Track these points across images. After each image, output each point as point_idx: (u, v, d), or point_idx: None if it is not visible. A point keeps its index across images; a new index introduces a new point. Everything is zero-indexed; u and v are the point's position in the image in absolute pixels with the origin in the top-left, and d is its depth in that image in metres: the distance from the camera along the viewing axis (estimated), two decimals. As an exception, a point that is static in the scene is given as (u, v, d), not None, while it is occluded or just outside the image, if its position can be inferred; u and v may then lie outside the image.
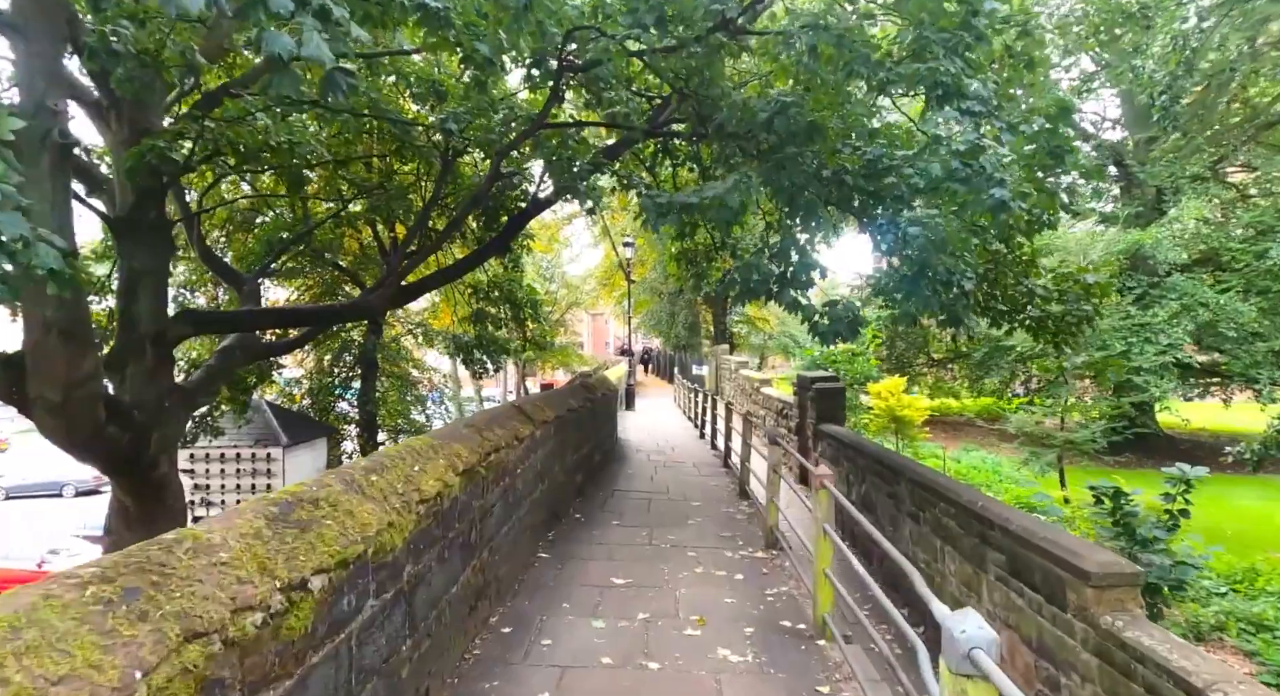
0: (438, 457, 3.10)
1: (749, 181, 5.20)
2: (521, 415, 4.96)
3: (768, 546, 5.25)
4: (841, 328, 5.52)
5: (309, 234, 12.41)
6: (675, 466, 8.92)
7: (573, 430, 6.57)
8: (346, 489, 2.31)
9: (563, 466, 6.09)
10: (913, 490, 6.33)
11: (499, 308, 13.68)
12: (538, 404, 5.55)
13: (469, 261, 9.47)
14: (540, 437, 5.22)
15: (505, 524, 4.03)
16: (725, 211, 5.22)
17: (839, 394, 10.76)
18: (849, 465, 8.71)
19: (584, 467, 7.13)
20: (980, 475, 13.75)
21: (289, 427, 14.72)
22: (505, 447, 4.13)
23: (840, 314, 5.60)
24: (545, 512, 5.38)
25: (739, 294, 5.48)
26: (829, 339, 5.59)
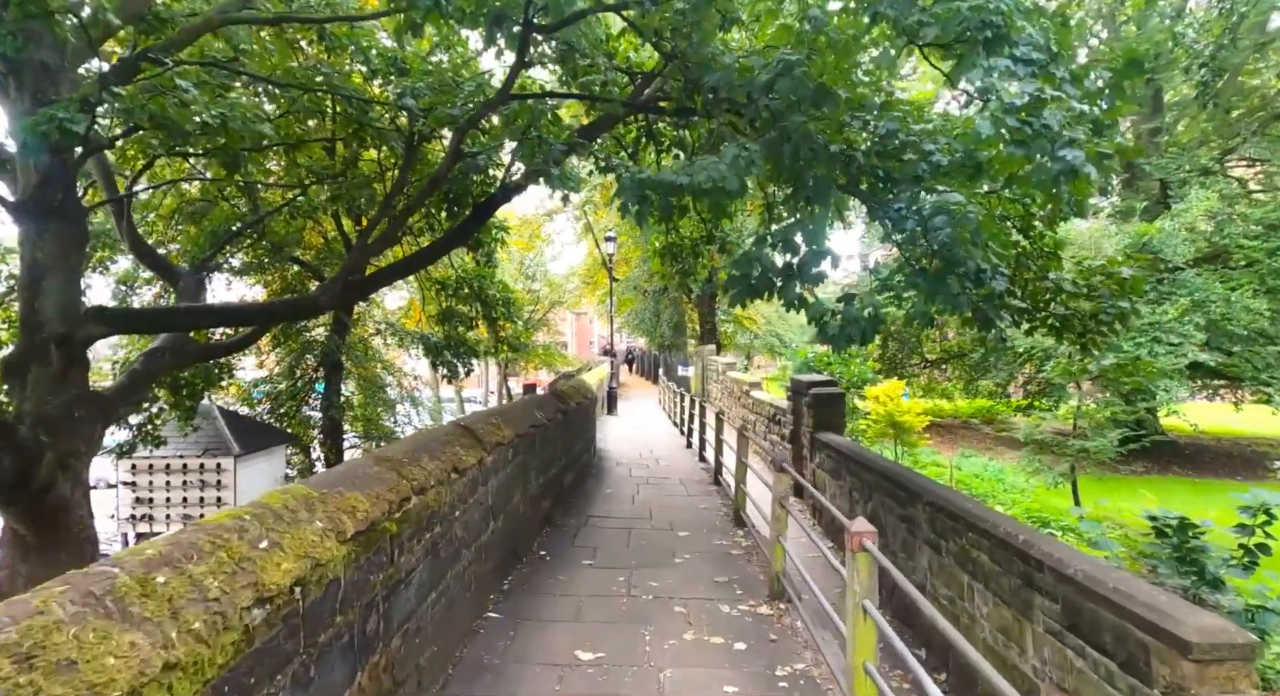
0: (311, 519, 2.11)
1: (750, 156, 4.27)
2: (468, 437, 3.98)
3: (773, 597, 4.31)
4: (857, 330, 4.61)
5: (259, 224, 11.36)
6: (660, 483, 7.97)
7: (540, 448, 5.60)
8: (91, 609, 1.32)
9: (525, 494, 5.11)
10: (933, 515, 5.44)
11: (470, 306, 12.67)
12: (493, 421, 4.56)
13: (429, 253, 8.45)
14: (493, 464, 4.24)
15: (434, 589, 3.05)
16: (720, 193, 4.28)
17: (838, 400, 9.89)
18: (852, 480, 7.86)
19: (554, 491, 6.16)
20: (983, 484, 12.95)
21: (243, 435, 13.59)
22: (438, 485, 3.15)
23: (855, 313, 4.68)
24: (500, 555, 4.40)
25: (738, 292, 4.55)
26: (841, 343, 4.66)
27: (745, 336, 31.82)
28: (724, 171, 4.11)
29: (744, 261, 4.45)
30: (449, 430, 3.92)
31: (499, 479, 4.40)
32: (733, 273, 4.53)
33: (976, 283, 5.45)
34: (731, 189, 4.11)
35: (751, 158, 4.24)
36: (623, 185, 4.54)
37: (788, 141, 4.70)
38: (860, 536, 2.51)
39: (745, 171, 4.17)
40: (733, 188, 4.11)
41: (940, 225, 5.04)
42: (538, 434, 5.54)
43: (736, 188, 4.11)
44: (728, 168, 4.13)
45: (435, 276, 13.25)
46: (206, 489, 13.00)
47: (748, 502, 6.00)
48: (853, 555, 2.51)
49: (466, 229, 8.62)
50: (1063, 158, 3.53)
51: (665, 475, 8.59)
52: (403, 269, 8.06)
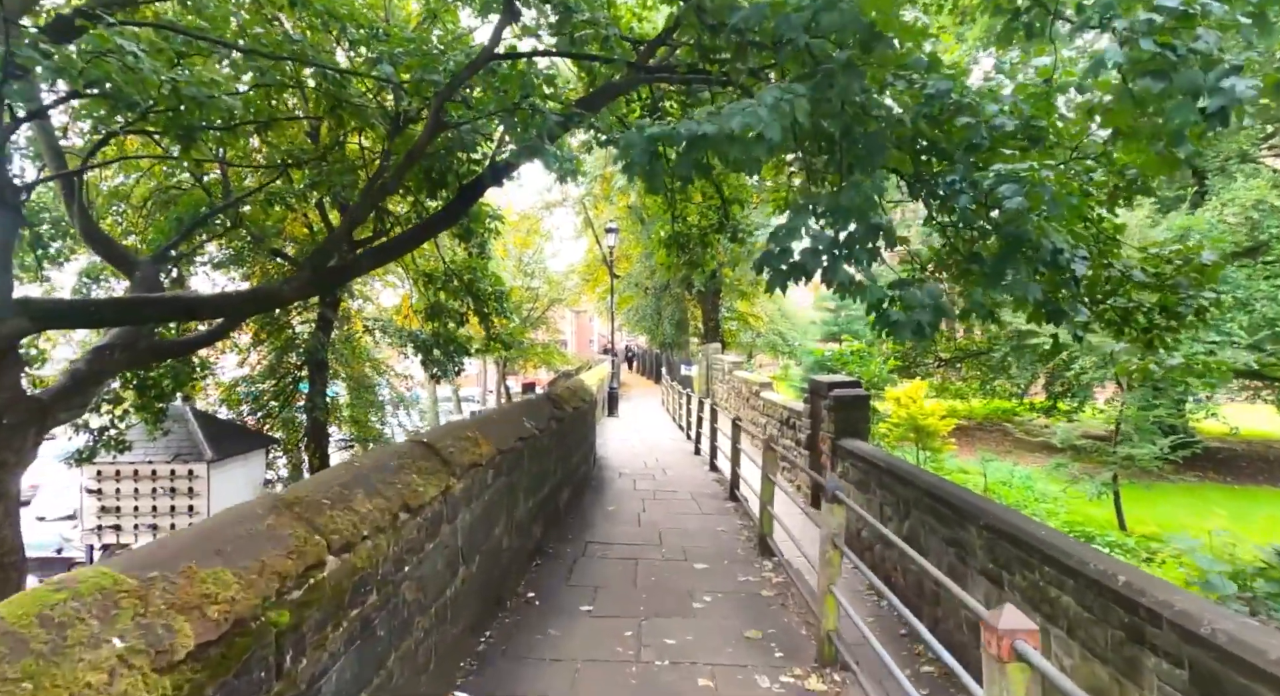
0: (104, 635, 1.19)
1: (794, 99, 3.35)
2: (430, 458, 3.07)
3: (823, 663, 3.39)
4: (921, 319, 3.70)
5: (230, 210, 10.44)
6: (668, 498, 7.05)
7: (530, 464, 4.68)
8: None
9: (511, 523, 4.19)
10: (992, 542, 4.58)
11: (460, 300, 11.76)
12: (468, 435, 3.65)
13: (409, 238, 7.54)
14: (466, 492, 3.32)
15: (366, 687, 2.13)
16: (756, 145, 3.36)
17: (863, 403, 9.00)
18: (884, 494, 6.98)
19: (547, 512, 5.24)
20: (1012, 493, 12.04)
21: (218, 439, 12.69)
22: (377, 534, 2.24)
23: (920, 299, 3.77)
24: (475, 608, 3.48)
25: (776, 275, 3.64)
26: (904, 333, 3.75)
27: (748, 334, 30.91)
28: (763, 116, 3.20)
29: (784, 234, 3.53)
30: (404, 450, 3.00)
31: (474, 510, 3.48)
32: (770, 248, 3.61)
33: (1052, 265, 4.55)
34: (771, 138, 3.20)
35: (796, 100, 3.32)
36: (628, 142, 3.63)
37: (831, 88, 3.78)
38: (1013, 637, 1.59)
39: (788, 117, 3.26)
40: (773, 136, 3.19)
41: (1009, 194, 4.14)
42: (527, 448, 4.62)
43: (777, 137, 3.20)
44: (768, 111, 3.22)
45: (424, 268, 12.36)
46: (177, 497, 12.10)
47: (774, 526, 5.09)
48: (999, 664, 1.60)
49: (451, 212, 7.71)
50: (1227, 88, 2.61)
51: (673, 488, 7.67)
52: (378, 256, 7.16)
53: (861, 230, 3.64)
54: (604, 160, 22.87)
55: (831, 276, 3.67)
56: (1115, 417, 9.97)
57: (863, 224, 3.64)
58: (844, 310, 22.25)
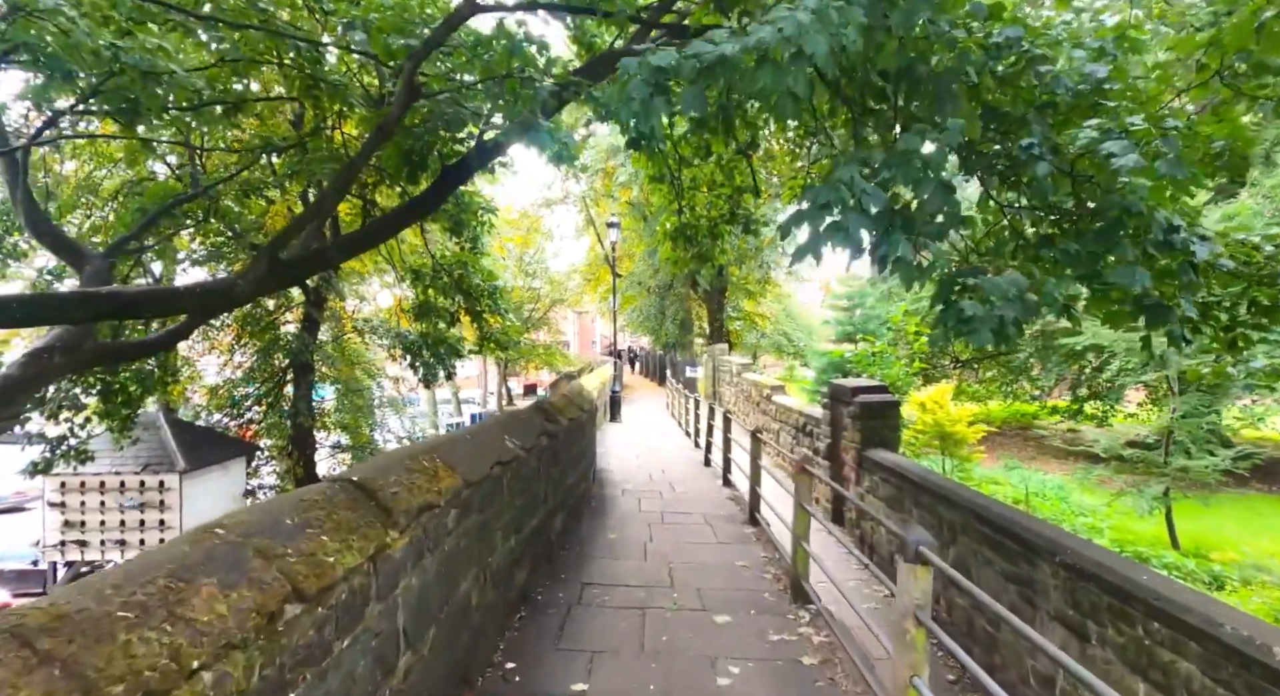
0: None
1: (845, 6, 2.46)
2: (358, 505, 2.20)
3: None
4: (1006, 314, 2.82)
5: (197, 199, 9.59)
6: (679, 522, 6.15)
7: (512, 495, 3.80)
8: None
9: (485, 573, 3.31)
10: (1073, 584, 3.77)
11: (451, 298, 10.90)
12: (421, 465, 2.77)
13: (385, 225, 6.68)
14: (411, 549, 2.44)
15: None
16: (795, 68, 2.48)
17: (892, 410, 8.12)
18: (921, 514, 6.12)
19: (535, 548, 4.36)
20: (1046, 505, 11.12)
21: (193, 448, 11.85)
22: (231, 651, 1.35)
23: (1003, 289, 2.88)
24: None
25: (812, 241, 2.75)
26: (980, 334, 2.87)
27: (753, 335, 30.00)
28: (804, 23, 2.32)
29: (827, 189, 2.63)
30: (317, 497, 2.12)
31: (429, 568, 2.60)
32: (801, 206, 2.71)
33: (1164, 247, 3.66)
34: (815, 53, 2.32)
35: (848, 7, 2.43)
36: (625, 70, 2.75)
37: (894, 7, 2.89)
38: None
39: (834, 27, 2.36)
40: (816, 51, 2.31)
41: (1120, 151, 3.25)
42: (508, 474, 3.74)
43: (822, 51, 2.31)
44: (811, 18, 2.33)
45: (414, 263, 11.50)
46: (148, 510, 11.26)
47: (810, 566, 4.20)
48: None
49: (431, 196, 6.85)
50: None
51: (684, 508, 6.77)
52: (349, 247, 6.31)
53: (930, 192, 2.74)
54: (605, 154, 22.01)
55: (886, 251, 2.78)
56: (1166, 425, 9.06)
57: (931, 184, 2.75)
58: (859, 309, 21.35)
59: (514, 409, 4.92)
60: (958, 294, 2.89)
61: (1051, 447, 17.93)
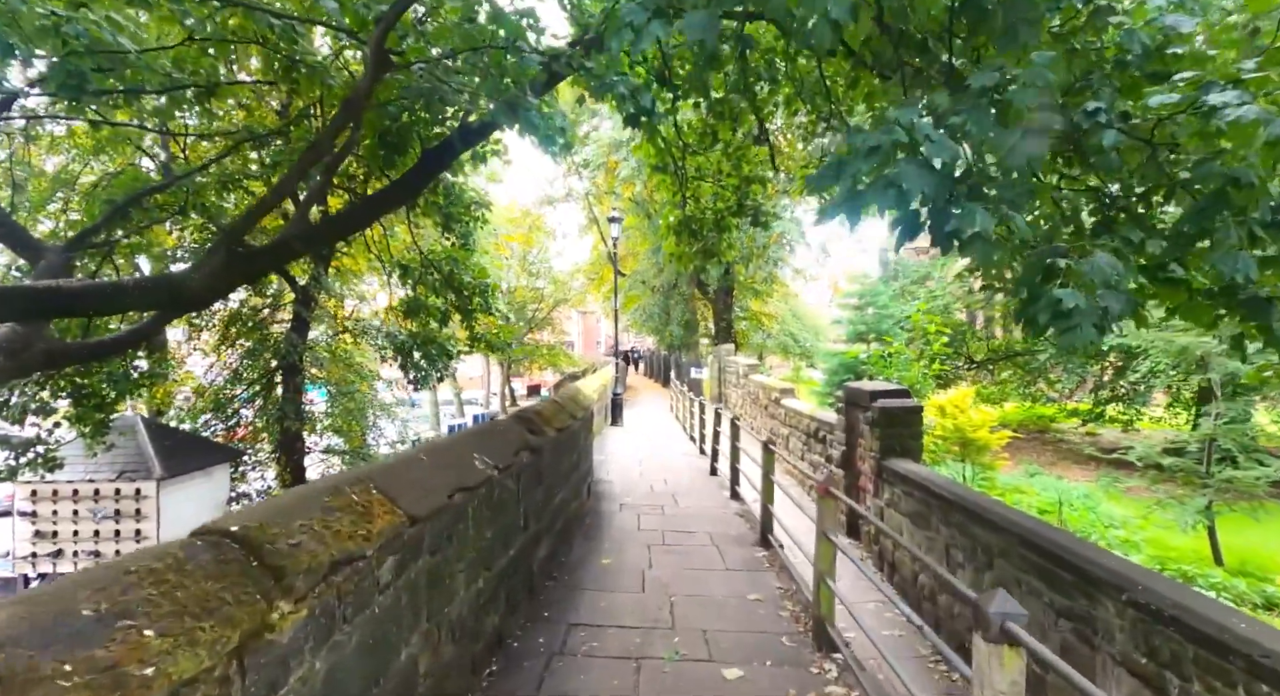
0: None
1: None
2: (226, 571, 1.54)
3: None
4: (1112, 306, 2.17)
5: (168, 191, 9.02)
6: (682, 543, 5.49)
7: (479, 526, 3.17)
8: None
9: (439, 629, 2.67)
10: (1147, 627, 3.28)
11: (442, 295, 10.28)
12: (354, 497, 2.15)
13: (355, 216, 6.07)
14: (314, 625, 1.78)
15: None
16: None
17: (914, 416, 7.46)
18: (951, 533, 5.48)
19: (511, 584, 3.72)
20: (1074, 516, 10.42)
21: (172, 454, 11.27)
22: None
23: (1105, 272, 2.23)
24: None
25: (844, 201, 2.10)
26: (1080, 331, 2.21)
27: (758, 335, 29.31)
28: None
29: (877, 133, 1.97)
30: (168, 559, 1.48)
31: (342, 644, 1.95)
32: (838, 157, 2.06)
33: (1273, 227, 3.01)
34: None
35: None
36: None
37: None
38: None
39: None
40: None
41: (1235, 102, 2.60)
42: (475, 501, 3.10)
43: None
44: None
45: (405, 259, 10.89)
46: (123, 519, 10.68)
47: (835, 604, 3.55)
48: None
49: (411, 182, 6.23)
50: None
51: (688, 526, 6.10)
52: (315, 237, 5.70)
53: (1012, 145, 2.09)
54: (607, 149, 21.40)
55: (958, 224, 2.12)
56: (1208, 432, 8.37)
57: (1013, 136, 2.10)
58: (871, 308, 20.66)
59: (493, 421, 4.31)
60: (1050, 280, 2.25)
61: (1071, 452, 17.21)
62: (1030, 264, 2.27)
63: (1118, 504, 11.76)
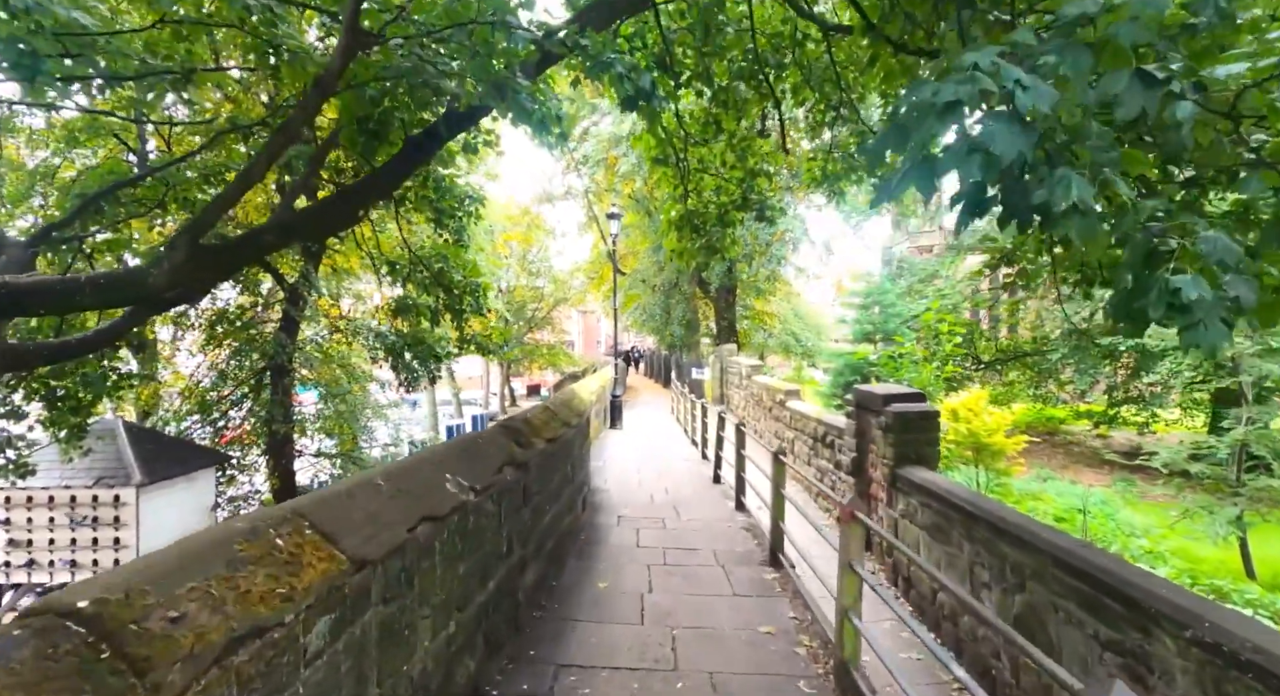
0: None
1: None
2: (65, 665, 1.08)
3: None
4: (1245, 297, 1.73)
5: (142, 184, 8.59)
6: (684, 561, 5.02)
7: (449, 559, 2.72)
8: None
9: (401, 693, 2.24)
10: (1220, 675, 2.93)
11: (432, 293, 9.83)
12: (280, 540, 1.69)
13: (334, 206, 5.62)
14: None
15: None
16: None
17: (930, 422, 7.03)
18: (975, 551, 5.12)
19: (489, 622, 3.27)
20: (1095, 525, 9.97)
21: (154, 459, 10.83)
22: None
23: (1233, 254, 1.78)
24: None
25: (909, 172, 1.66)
26: (1209, 331, 1.75)
27: (759, 335, 28.85)
28: None
29: (951, 83, 1.51)
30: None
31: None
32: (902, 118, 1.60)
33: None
34: None
35: None
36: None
37: None
38: None
39: None
40: None
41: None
42: (445, 532, 2.66)
43: None
44: None
45: (394, 256, 10.46)
46: (100, 527, 10.25)
47: (860, 642, 3.11)
48: None
49: (393, 171, 5.78)
50: None
51: (691, 542, 5.64)
52: (290, 229, 5.26)
53: (1125, 86, 1.62)
54: (606, 145, 20.96)
55: (1047, 194, 1.66)
56: (1240, 438, 7.92)
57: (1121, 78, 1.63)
58: (878, 306, 20.09)
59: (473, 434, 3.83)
60: (1158, 266, 1.80)
61: (1083, 455, 16.77)
62: (1137, 243, 1.82)
63: (1134, 508, 11.31)
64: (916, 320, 17.76)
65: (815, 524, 4.73)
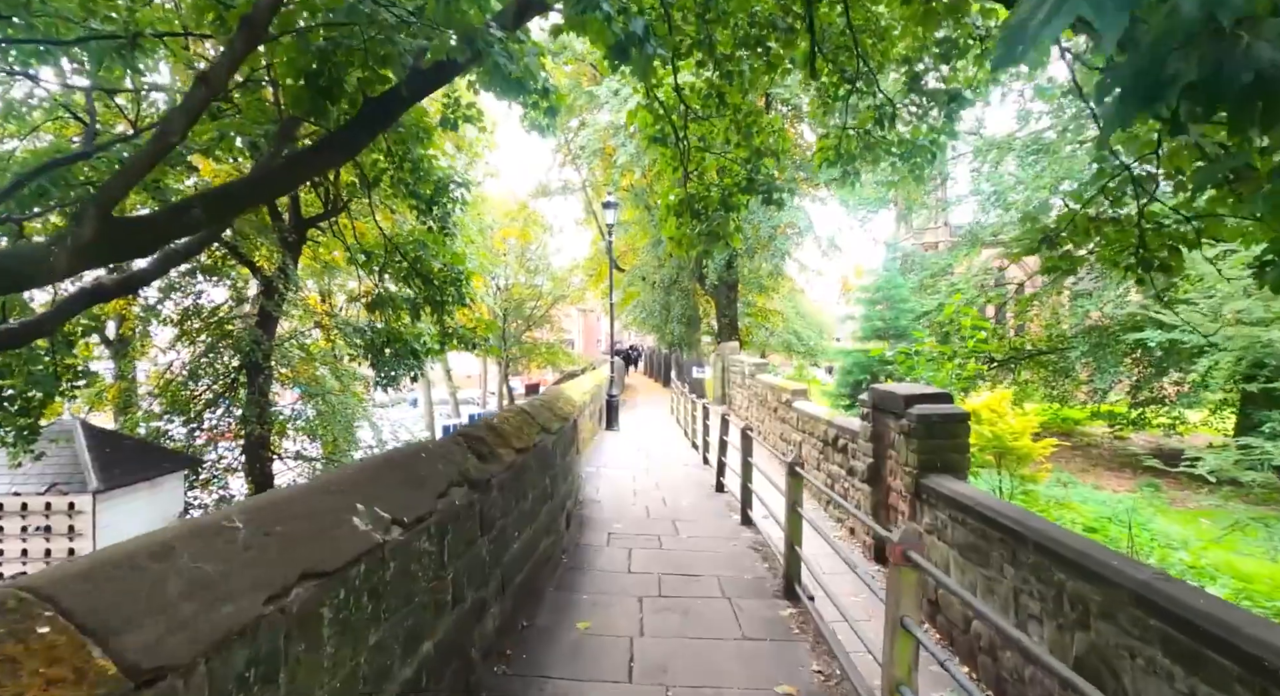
0: None
1: None
2: None
3: None
4: None
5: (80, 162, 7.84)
6: (684, 591, 4.21)
7: (354, 629, 1.95)
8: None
9: None
10: None
11: (412, 285, 9.05)
12: None
13: (276, 175, 4.85)
14: None
15: None
16: None
17: (960, 426, 6.30)
18: (1021, 576, 4.45)
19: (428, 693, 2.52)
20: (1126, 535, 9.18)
21: (114, 463, 10.07)
22: None
23: None
24: None
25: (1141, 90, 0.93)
26: None
27: (761, 333, 28.07)
28: None
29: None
30: None
31: None
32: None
33: None
34: None
35: None
36: None
37: None
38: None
39: None
40: None
41: None
42: (334, 594, 1.87)
43: None
44: None
45: (370, 243, 9.68)
46: (54, 538, 9.49)
47: None
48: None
49: (347, 138, 5.01)
50: None
51: (692, 566, 4.81)
52: (223, 204, 4.47)
53: None
54: (604, 133, 20.18)
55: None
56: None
57: None
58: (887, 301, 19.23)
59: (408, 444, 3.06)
60: None
61: (1102, 458, 15.99)
62: None
63: (1167, 519, 10.55)
64: (928, 317, 16.95)
65: (828, 537, 3.98)
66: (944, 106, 7.06)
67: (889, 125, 7.49)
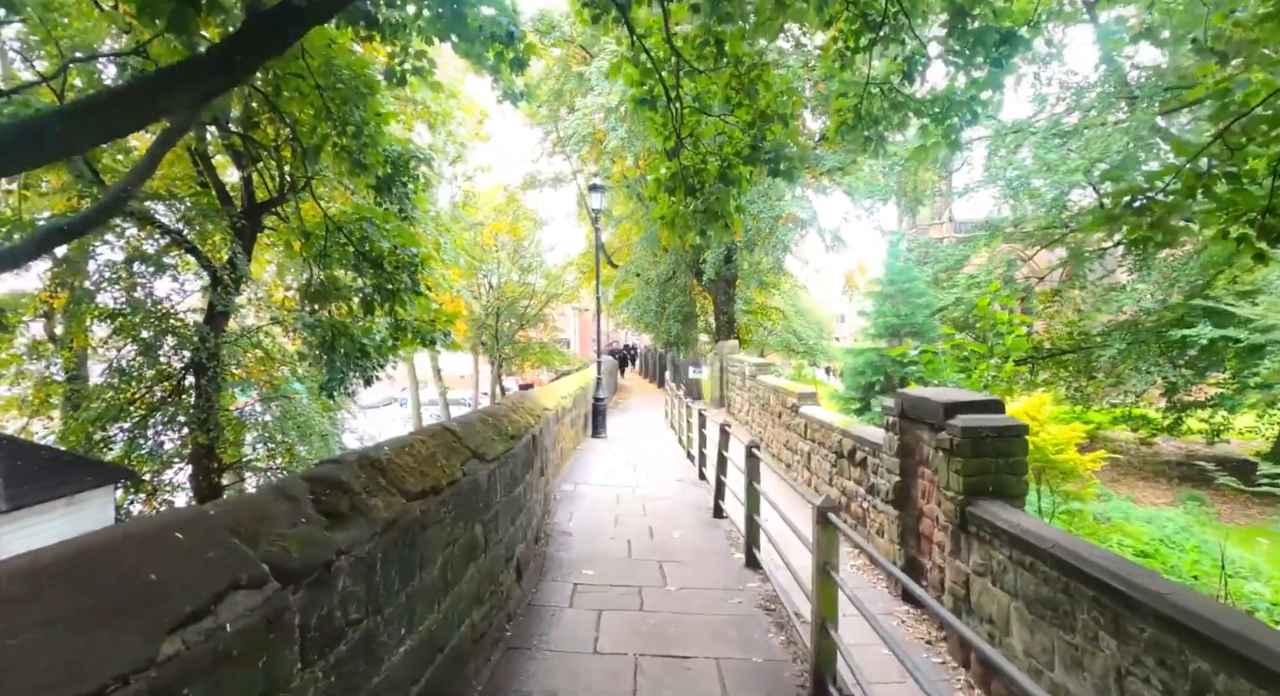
0: None
1: None
2: None
3: None
4: None
5: None
6: (670, 681, 2.99)
7: None
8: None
9: None
10: None
11: (361, 270, 7.75)
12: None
13: (117, 108, 3.57)
14: None
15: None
16: None
17: (1016, 441, 5.05)
18: (1129, 653, 3.18)
19: None
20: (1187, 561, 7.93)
21: (25, 478, 8.76)
22: None
23: None
24: None
25: None
26: None
27: (759, 332, 26.82)
28: None
29: None
30: None
31: None
32: None
33: None
34: None
35: None
36: None
37: None
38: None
39: None
40: None
41: None
42: None
43: None
44: None
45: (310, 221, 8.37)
46: (-51, 564, 8.18)
47: None
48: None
49: (223, 61, 3.72)
50: None
51: (681, 638, 3.45)
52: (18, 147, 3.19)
53: None
54: (593, 118, 18.89)
55: None
56: None
57: None
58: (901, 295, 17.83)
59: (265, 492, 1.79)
60: None
61: (1132, 466, 14.77)
62: None
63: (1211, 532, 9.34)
64: (945, 312, 15.71)
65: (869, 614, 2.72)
66: (991, 52, 5.83)
67: (920, 78, 6.25)
